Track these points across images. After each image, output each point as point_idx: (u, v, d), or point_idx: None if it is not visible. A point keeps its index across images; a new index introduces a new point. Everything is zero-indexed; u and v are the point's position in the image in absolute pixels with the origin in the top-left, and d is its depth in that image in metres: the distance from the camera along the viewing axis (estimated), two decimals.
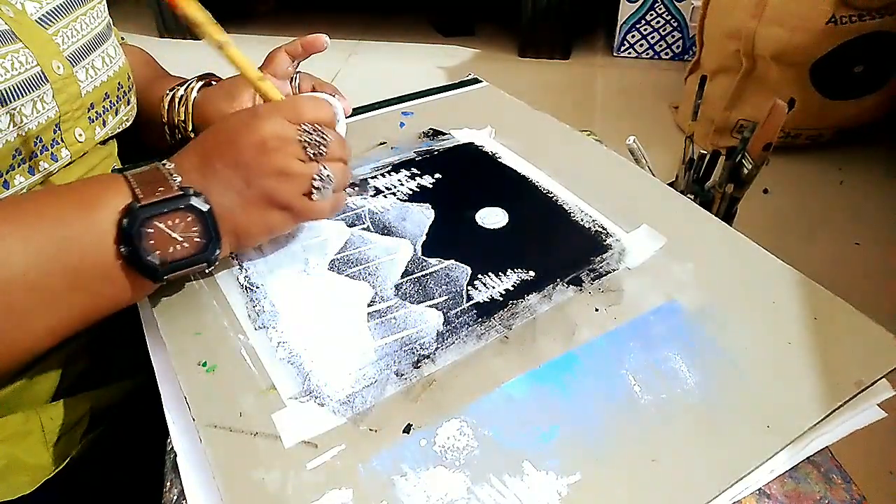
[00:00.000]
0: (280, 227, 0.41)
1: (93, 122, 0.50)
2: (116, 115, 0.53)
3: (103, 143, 0.53)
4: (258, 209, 0.39)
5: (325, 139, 0.40)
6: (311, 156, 0.39)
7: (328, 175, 0.40)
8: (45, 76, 0.44)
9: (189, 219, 0.36)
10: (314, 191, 0.40)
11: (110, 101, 0.52)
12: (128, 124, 0.56)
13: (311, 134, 0.40)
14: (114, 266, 0.36)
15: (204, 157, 0.39)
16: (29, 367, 0.45)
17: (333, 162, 0.41)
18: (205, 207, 0.37)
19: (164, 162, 0.38)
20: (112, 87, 0.52)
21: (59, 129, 0.46)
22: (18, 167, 0.43)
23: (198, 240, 0.37)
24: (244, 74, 0.42)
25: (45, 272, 0.34)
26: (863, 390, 0.34)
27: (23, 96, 0.42)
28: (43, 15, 0.46)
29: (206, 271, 0.40)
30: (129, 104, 0.56)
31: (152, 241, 0.36)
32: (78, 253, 0.35)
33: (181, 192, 0.36)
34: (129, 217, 0.35)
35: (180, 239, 0.37)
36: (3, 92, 0.41)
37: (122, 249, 0.35)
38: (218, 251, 0.38)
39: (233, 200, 0.38)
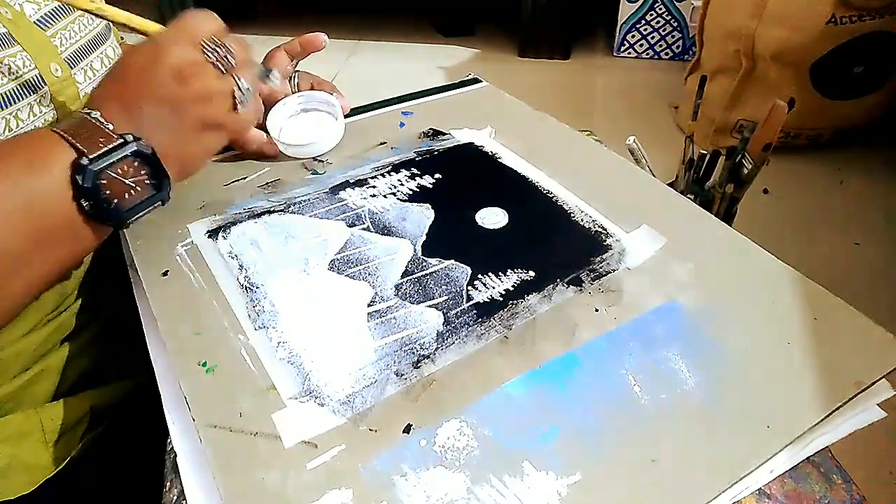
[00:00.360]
0: (217, 145, 0.43)
1: None
2: None
3: None
4: (193, 136, 0.41)
5: (230, 50, 0.41)
6: (224, 70, 0.41)
7: (246, 87, 0.42)
8: (42, 79, 0.44)
9: (136, 163, 0.38)
10: (238, 104, 0.42)
11: None
12: None
13: (218, 50, 0.41)
14: (76, 220, 0.38)
15: (125, 101, 0.39)
16: (29, 366, 0.45)
17: (244, 70, 0.42)
18: (148, 150, 0.38)
19: (87, 111, 0.39)
20: None
21: None
22: None
23: (148, 182, 0.39)
24: (114, 18, 0.43)
25: (10, 236, 0.35)
26: (863, 390, 0.34)
27: (20, 100, 0.42)
28: (41, 16, 0.46)
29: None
30: None
31: (108, 192, 0.38)
32: (39, 212, 0.36)
33: (122, 140, 0.37)
34: (83, 173, 0.36)
35: (133, 184, 0.39)
36: (1, 96, 0.41)
37: (84, 204, 0.37)
38: (169, 188, 0.41)
39: (167, 135, 0.40)
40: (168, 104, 0.39)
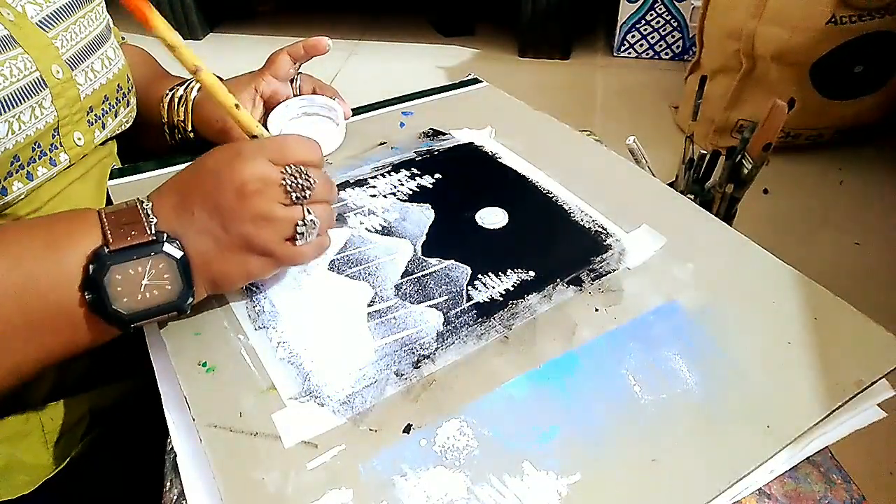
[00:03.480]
0: (260, 272, 0.39)
1: (92, 125, 0.50)
2: (115, 117, 0.53)
3: (102, 143, 0.53)
4: (236, 255, 0.37)
5: (310, 182, 0.37)
6: (295, 199, 0.37)
7: (312, 220, 0.38)
8: (44, 81, 0.44)
9: (161, 265, 0.35)
10: (297, 236, 0.38)
11: (109, 104, 0.52)
12: (127, 126, 0.56)
13: (296, 177, 0.37)
14: (77, 311, 0.34)
15: (182, 199, 0.37)
16: None
17: (318, 204, 0.38)
18: (178, 255, 0.35)
19: (143, 200, 0.37)
20: (111, 90, 0.52)
21: (58, 134, 0.46)
22: (16, 173, 0.43)
23: (169, 287, 0.35)
24: (218, 103, 0.40)
25: (5, 312, 0.33)
26: (863, 390, 0.34)
27: (22, 103, 0.42)
28: (43, 18, 0.46)
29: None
30: (128, 106, 0.55)
31: (119, 288, 0.34)
32: (41, 295, 0.34)
33: (153, 238, 0.34)
34: (97, 263, 0.33)
35: (150, 285, 0.35)
36: (2, 100, 0.41)
37: (88, 296, 0.34)
38: (190, 299, 0.36)
39: (209, 246, 0.36)
40: (220, 215, 0.36)
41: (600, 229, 0.46)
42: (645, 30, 2.03)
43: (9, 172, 0.42)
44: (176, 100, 0.56)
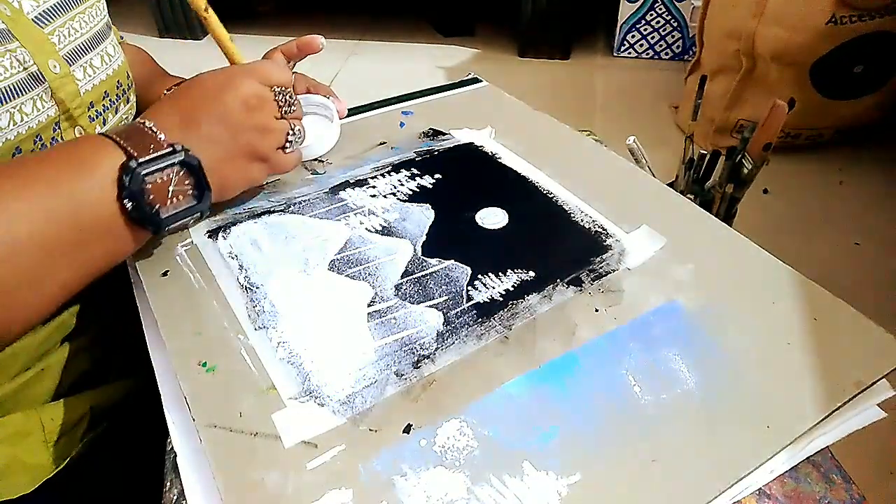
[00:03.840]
0: (258, 177, 0.46)
1: (93, 120, 0.50)
2: (116, 113, 0.53)
3: None
4: (240, 161, 0.43)
5: (293, 100, 0.46)
6: (283, 113, 0.45)
7: (299, 129, 0.46)
8: (42, 75, 0.44)
9: (182, 173, 0.40)
10: (287, 144, 0.46)
11: (110, 100, 0.52)
12: (128, 123, 0.56)
13: (283, 94, 0.45)
14: (117, 221, 0.38)
15: (185, 115, 0.41)
16: (29, 366, 0.45)
17: (296, 119, 0.46)
18: (195, 162, 0.40)
19: (142, 121, 0.40)
20: (111, 86, 0.52)
21: (59, 128, 0.46)
22: None
23: (191, 192, 0.41)
24: (216, 35, 0.48)
25: (50, 233, 0.36)
26: (863, 390, 0.34)
27: (22, 94, 0.42)
28: (40, 14, 0.46)
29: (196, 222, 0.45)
30: (128, 103, 0.55)
31: (152, 196, 0.39)
32: (81, 212, 0.37)
33: (172, 149, 0.39)
34: (131, 175, 0.37)
35: (176, 191, 0.40)
36: (3, 90, 0.41)
37: (128, 204, 0.38)
38: (209, 201, 0.42)
39: (218, 154, 0.42)
40: (226, 126, 0.42)
41: (600, 229, 0.46)
42: (645, 30, 2.03)
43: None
44: None
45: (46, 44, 0.45)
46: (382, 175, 0.53)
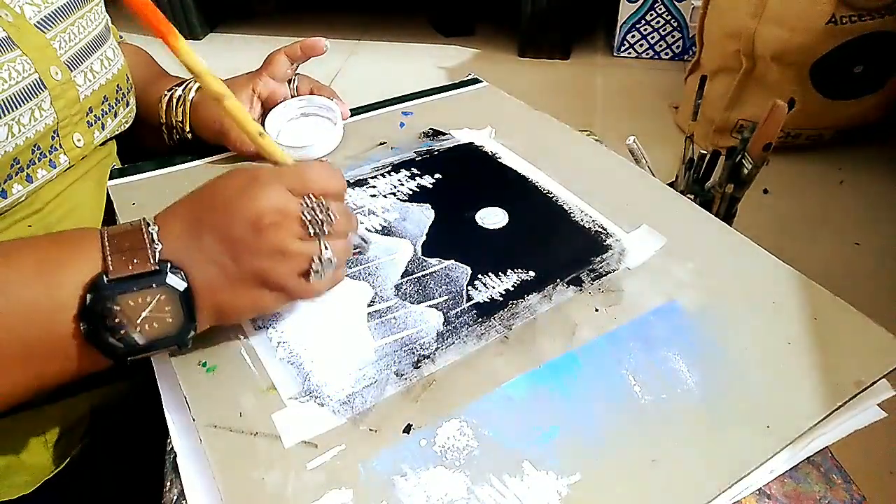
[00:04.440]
0: (270, 306, 0.37)
1: (91, 126, 0.49)
2: (115, 117, 0.53)
3: (102, 144, 0.53)
4: (246, 288, 0.35)
5: (330, 217, 0.35)
6: (312, 233, 0.35)
7: (329, 258, 0.35)
8: (43, 83, 0.44)
9: (161, 297, 0.32)
10: (312, 273, 0.35)
11: (109, 105, 0.52)
12: (127, 126, 0.56)
13: (316, 210, 0.35)
14: (72, 341, 0.33)
15: (192, 224, 0.34)
16: None
17: (336, 239, 0.36)
18: (181, 286, 0.33)
19: (149, 222, 0.34)
20: (111, 90, 0.52)
21: (58, 136, 0.46)
22: (16, 176, 0.43)
23: (169, 320, 0.33)
24: (242, 128, 0.38)
25: None
26: (863, 390, 0.34)
27: (21, 106, 0.42)
28: (42, 19, 0.46)
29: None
30: (127, 106, 0.55)
31: (117, 320, 0.32)
32: (33, 323, 0.32)
33: (156, 269, 0.32)
34: (94, 293, 0.31)
35: (150, 318, 0.33)
36: (1, 103, 0.40)
37: (83, 327, 0.32)
38: (192, 332, 0.34)
39: (217, 277, 0.34)
40: (232, 246, 0.34)
41: (600, 229, 0.46)
42: (645, 30, 2.03)
43: (8, 175, 0.42)
44: (174, 100, 0.56)
45: (48, 49, 0.45)
46: (382, 175, 0.53)
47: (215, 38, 2.30)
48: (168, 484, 0.34)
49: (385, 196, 0.50)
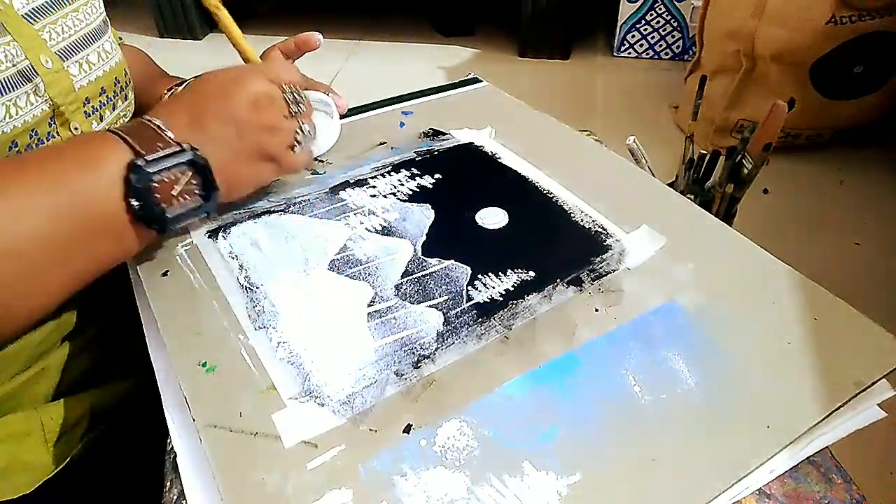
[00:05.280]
0: (267, 177, 0.46)
1: (89, 116, 0.49)
2: (114, 110, 0.53)
3: None
4: (249, 161, 0.43)
5: (302, 98, 0.45)
6: (293, 113, 0.44)
7: (308, 130, 0.45)
8: (34, 70, 0.44)
9: (190, 173, 0.39)
10: (296, 144, 0.45)
11: (107, 97, 0.52)
12: (125, 120, 0.56)
13: (292, 93, 0.44)
14: (122, 219, 0.38)
15: (194, 114, 0.41)
16: (29, 365, 0.45)
17: (306, 118, 0.45)
18: (203, 161, 0.39)
19: (150, 118, 0.40)
20: (109, 82, 0.52)
21: (55, 123, 0.46)
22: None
23: (198, 192, 0.40)
24: (228, 32, 0.48)
25: (54, 230, 0.36)
26: (862, 391, 0.34)
27: (17, 88, 0.42)
28: (30, 10, 0.46)
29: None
30: (126, 100, 0.55)
31: (158, 195, 0.38)
32: (86, 209, 0.37)
33: (180, 148, 0.38)
34: (138, 173, 0.37)
35: (183, 191, 0.40)
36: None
37: (134, 203, 0.37)
38: (216, 202, 0.41)
39: (226, 154, 0.41)
40: (235, 125, 0.41)
41: (600, 229, 0.46)
42: (645, 30, 2.03)
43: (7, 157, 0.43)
44: None
45: (37, 40, 0.45)
46: (382, 175, 0.53)
47: (215, 38, 2.30)
48: (168, 484, 0.34)
49: (385, 196, 0.50)
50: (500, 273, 0.42)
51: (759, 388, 0.34)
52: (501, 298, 0.40)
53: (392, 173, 0.53)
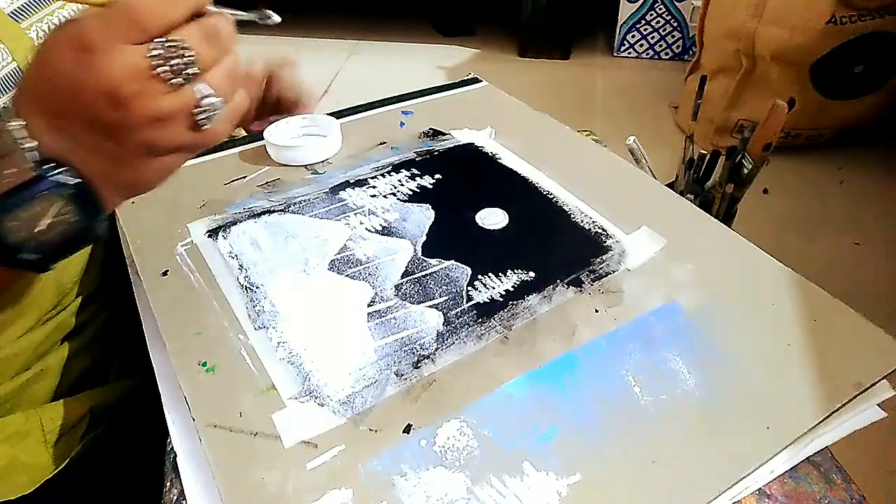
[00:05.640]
0: (175, 165, 0.33)
1: None
2: None
3: None
4: (140, 162, 0.31)
5: (189, 54, 0.29)
6: (182, 80, 0.29)
7: (210, 102, 0.30)
8: (21, 71, 0.42)
9: (56, 200, 0.29)
10: (203, 118, 0.30)
11: None
12: None
13: (169, 53, 0.28)
14: None
15: (52, 116, 0.29)
16: (28, 366, 0.45)
17: (213, 71, 0.30)
18: (72, 182, 0.29)
19: (9, 120, 0.29)
20: None
21: None
22: None
23: (75, 219, 0.30)
24: None
25: None
26: (862, 392, 0.34)
27: (5, 93, 0.41)
28: (16, 9, 0.44)
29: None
30: None
31: (22, 233, 0.30)
32: None
33: (38, 174, 0.29)
34: None
35: (53, 223, 0.30)
36: None
37: None
38: (103, 222, 0.32)
39: (104, 161, 0.30)
40: (103, 131, 0.29)
41: (600, 230, 0.46)
42: (645, 30, 2.03)
43: None
44: None
45: (24, 39, 0.44)
46: (382, 175, 0.53)
47: None
48: (168, 484, 0.34)
49: (385, 196, 0.50)
50: (500, 273, 0.42)
51: (758, 389, 0.34)
52: (501, 299, 0.40)
53: (392, 173, 0.53)
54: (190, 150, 0.32)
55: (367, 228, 0.47)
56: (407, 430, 0.33)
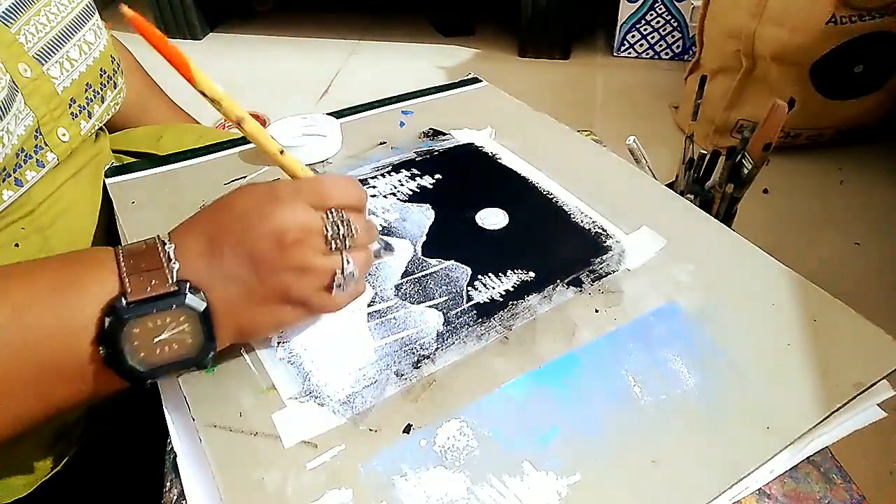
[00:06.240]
0: (291, 321, 0.36)
1: (76, 116, 0.47)
2: (103, 102, 0.50)
3: (93, 134, 0.51)
4: (267, 305, 0.34)
5: (352, 230, 0.34)
6: (335, 248, 0.34)
7: (351, 272, 0.35)
8: (15, 84, 0.41)
9: (181, 318, 0.32)
10: (335, 287, 0.35)
11: (94, 91, 0.49)
12: (117, 109, 0.53)
13: (338, 224, 0.34)
14: (89, 364, 0.31)
15: (210, 242, 0.33)
16: None
17: (358, 251, 0.35)
18: (201, 307, 0.32)
19: (165, 240, 0.33)
20: (94, 76, 0.49)
21: (41, 134, 0.43)
22: (4, 182, 0.41)
23: (190, 341, 0.32)
24: (262, 149, 0.36)
25: (9, 365, 0.30)
26: (861, 392, 0.34)
27: (6, 115, 0.40)
28: (3, 12, 0.43)
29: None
30: (115, 87, 0.52)
31: (137, 343, 0.31)
32: (50, 346, 0.31)
33: (175, 289, 0.31)
34: (114, 316, 0.30)
35: (169, 340, 0.32)
36: None
37: (102, 351, 0.31)
38: (212, 353, 0.33)
39: (238, 294, 0.33)
40: (253, 264, 0.33)
41: (600, 230, 0.46)
42: (645, 30, 2.03)
43: None
44: None
45: (14, 45, 0.42)
46: (382, 175, 0.53)
47: (215, 38, 2.30)
48: (168, 484, 0.34)
49: (385, 196, 0.50)
50: (500, 273, 0.42)
51: (758, 389, 0.34)
52: (501, 299, 0.40)
53: (392, 173, 0.53)
54: (310, 309, 0.36)
55: None
56: (407, 430, 0.33)
